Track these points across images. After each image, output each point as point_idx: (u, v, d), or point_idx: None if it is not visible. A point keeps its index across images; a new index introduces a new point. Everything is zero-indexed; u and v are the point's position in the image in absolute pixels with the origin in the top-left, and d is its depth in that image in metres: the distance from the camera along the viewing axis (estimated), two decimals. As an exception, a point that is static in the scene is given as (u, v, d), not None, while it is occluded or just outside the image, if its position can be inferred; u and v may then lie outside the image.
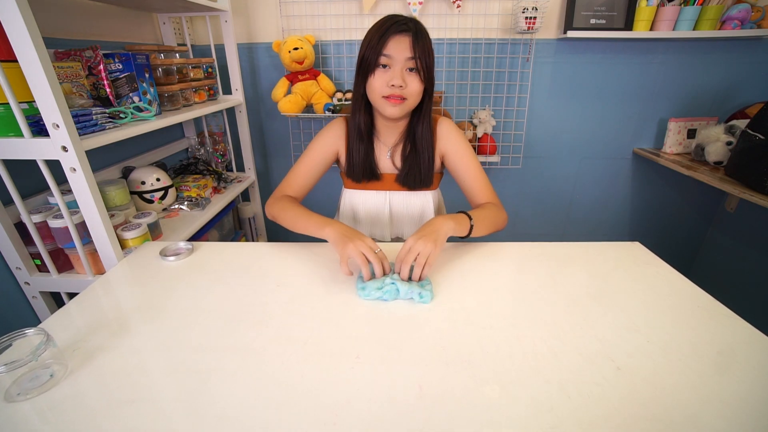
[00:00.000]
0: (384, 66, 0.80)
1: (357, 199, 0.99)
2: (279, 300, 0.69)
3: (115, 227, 0.91)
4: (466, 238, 0.82)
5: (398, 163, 0.94)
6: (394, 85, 0.79)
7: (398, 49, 0.78)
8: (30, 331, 0.53)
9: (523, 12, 1.42)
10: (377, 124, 0.93)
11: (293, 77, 1.54)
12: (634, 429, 0.44)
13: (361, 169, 0.93)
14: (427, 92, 0.84)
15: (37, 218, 0.86)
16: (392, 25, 0.78)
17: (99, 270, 0.92)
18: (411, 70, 0.80)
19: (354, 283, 0.72)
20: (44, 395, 0.49)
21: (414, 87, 0.81)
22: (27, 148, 0.76)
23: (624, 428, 0.44)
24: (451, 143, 0.93)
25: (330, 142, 0.94)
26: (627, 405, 0.47)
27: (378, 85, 0.81)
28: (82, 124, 0.82)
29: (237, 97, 1.52)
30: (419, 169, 0.92)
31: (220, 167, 1.57)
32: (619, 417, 0.45)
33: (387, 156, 0.94)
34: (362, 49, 0.82)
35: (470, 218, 0.81)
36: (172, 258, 0.82)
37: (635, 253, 0.84)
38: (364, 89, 0.85)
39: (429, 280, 0.71)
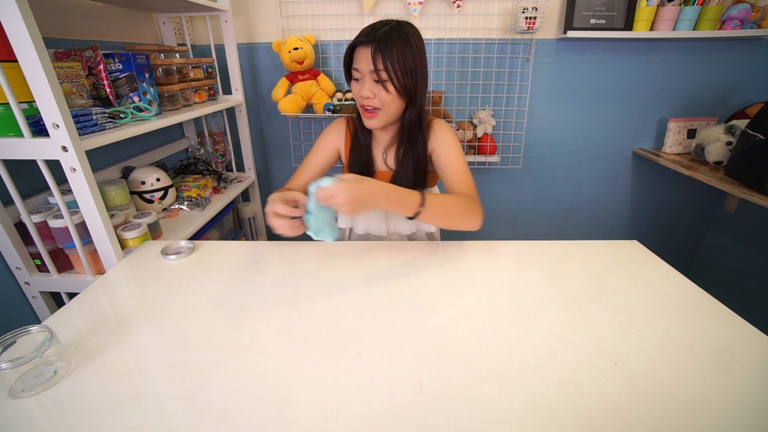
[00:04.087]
0: (357, 79, 0.82)
1: None
2: (279, 298, 0.69)
3: (115, 227, 0.92)
4: (412, 219, 0.75)
5: (392, 164, 0.95)
6: (362, 96, 0.80)
7: (363, 62, 0.78)
8: (34, 328, 0.53)
9: (523, 12, 1.42)
10: None
11: (293, 77, 1.55)
12: (632, 424, 0.44)
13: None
14: (410, 98, 0.82)
15: (37, 218, 0.86)
16: (358, 38, 0.79)
17: (99, 270, 0.92)
18: (377, 81, 0.79)
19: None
20: (48, 392, 0.49)
21: (383, 97, 0.80)
22: (27, 148, 0.76)
23: (621, 424, 0.44)
24: (438, 140, 0.91)
25: (331, 139, 0.96)
26: (624, 401, 0.47)
27: (355, 97, 0.84)
28: (82, 124, 0.82)
29: (237, 97, 1.52)
30: (412, 173, 0.91)
31: (220, 167, 1.58)
32: (617, 413, 0.45)
33: (382, 156, 0.95)
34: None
35: (423, 200, 0.73)
36: (173, 257, 0.82)
37: (633, 252, 0.84)
38: None
39: (333, 214, 0.73)
